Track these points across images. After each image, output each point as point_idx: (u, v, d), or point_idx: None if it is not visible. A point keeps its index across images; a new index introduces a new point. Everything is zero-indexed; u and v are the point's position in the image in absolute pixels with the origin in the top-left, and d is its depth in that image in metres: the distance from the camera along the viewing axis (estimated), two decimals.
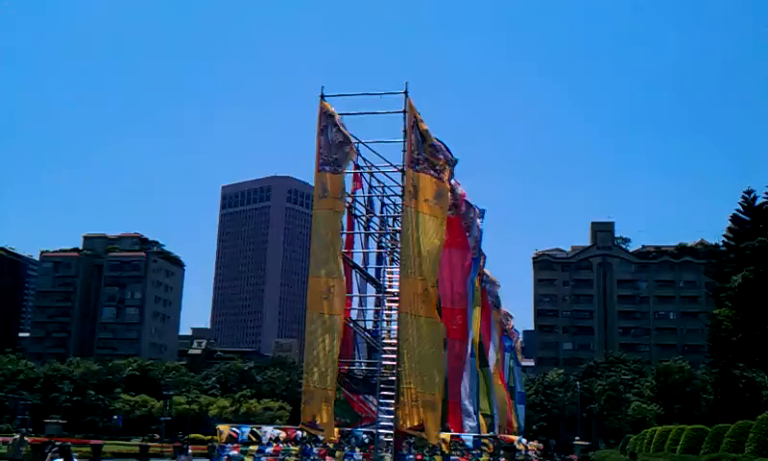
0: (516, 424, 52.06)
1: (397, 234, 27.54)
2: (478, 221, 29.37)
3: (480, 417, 31.48)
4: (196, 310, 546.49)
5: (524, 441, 32.97)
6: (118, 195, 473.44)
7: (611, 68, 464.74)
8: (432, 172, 23.09)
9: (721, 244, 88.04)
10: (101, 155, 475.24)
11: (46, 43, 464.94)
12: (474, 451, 24.50)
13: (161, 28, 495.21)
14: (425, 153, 23.19)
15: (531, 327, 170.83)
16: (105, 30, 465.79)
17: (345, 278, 25.23)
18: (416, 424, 21.83)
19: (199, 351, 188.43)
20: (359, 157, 26.30)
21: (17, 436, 36.40)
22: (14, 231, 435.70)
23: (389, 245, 29.13)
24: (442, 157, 23.62)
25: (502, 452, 22.28)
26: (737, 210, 79.98)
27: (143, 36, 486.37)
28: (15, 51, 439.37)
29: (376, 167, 26.65)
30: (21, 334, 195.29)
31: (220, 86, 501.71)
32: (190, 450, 36.68)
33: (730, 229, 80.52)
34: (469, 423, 27.87)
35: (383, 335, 25.46)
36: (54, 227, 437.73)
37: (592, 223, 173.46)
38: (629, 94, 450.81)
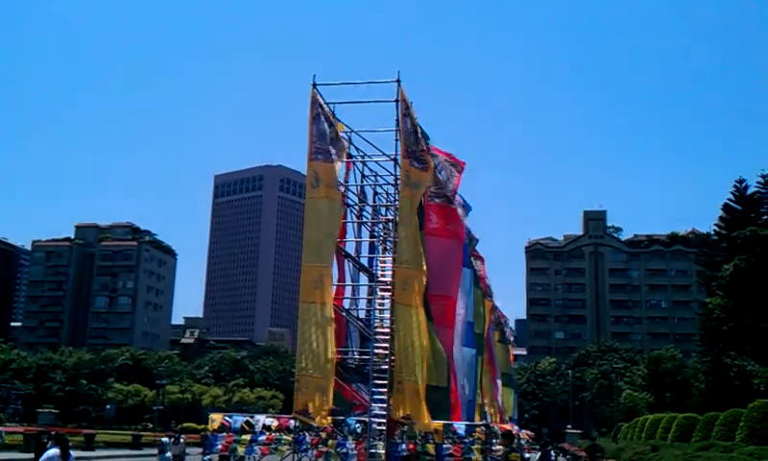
0: (508, 413, 52.24)
1: (390, 223, 27.53)
2: (466, 218, 29.39)
3: (476, 405, 31.57)
4: (188, 300, 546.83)
5: (516, 428, 33.06)
6: (110, 184, 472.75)
7: (601, 57, 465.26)
8: (417, 163, 23.14)
9: (713, 233, 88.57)
10: (92, 143, 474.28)
11: (40, 34, 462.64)
12: (467, 440, 24.52)
13: (155, 18, 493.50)
14: (415, 144, 23.21)
15: (523, 315, 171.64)
16: (98, 20, 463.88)
17: (338, 267, 25.24)
18: (408, 412, 21.87)
19: (191, 341, 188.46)
20: (351, 146, 26.25)
21: None
22: (6, 221, 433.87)
23: (381, 234, 29.11)
24: (424, 146, 23.68)
25: (500, 439, 22.33)
26: (729, 199, 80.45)
27: (137, 25, 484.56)
28: (8, 41, 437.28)
29: (369, 156, 26.59)
30: (13, 324, 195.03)
31: (212, 75, 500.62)
32: (183, 439, 36.74)
33: (721, 217, 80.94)
34: (465, 411, 27.91)
35: (376, 324, 25.45)
36: (46, 216, 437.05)
37: (584, 212, 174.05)
38: (620, 83, 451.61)
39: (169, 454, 33.29)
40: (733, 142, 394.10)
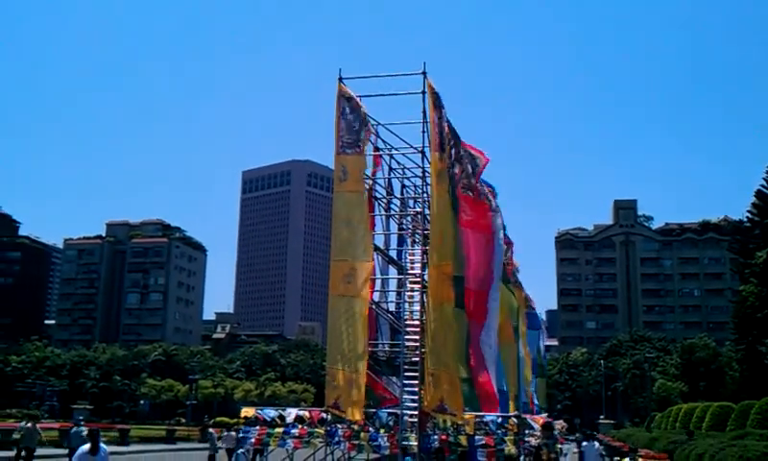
0: (539, 403, 52.03)
1: (418, 216, 27.46)
2: (494, 201, 29.18)
3: (506, 396, 31.45)
4: (219, 295, 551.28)
5: (545, 417, 32.89)
6: (140, 181, 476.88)
7: (632, 43, 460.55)
8: (447, 155, 22.98)
9: (745, 220, 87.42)
10: (122, 142, 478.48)
11: (68, 31, 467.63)
12: (499, 431, 24.46)
13: (182, 13, 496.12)
14: (444, 136, 23.08)
15: (554, 306, 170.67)
16: (126, 18, 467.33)
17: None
18: (439, 404, 21.83)
19: (223, 336, 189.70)
20: (378, 139, 26.17)
21: (29, 425, 35.93)
22: (38, 220, 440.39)
23: (410, 227, 29.05)
24: (454, 137, 23.57)
25: (541, 430, 22.31)
26: (761, 186, 79.27)
27: (165, 21, 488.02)
28: (37, 39, 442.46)
29: (396, 149, 26.48)
30: (47, 322, 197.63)
31: (239, 71, 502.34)
32: (213, 432, 37.40)
33: (754, 204, 79.83)
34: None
35: (406, 317, 25.42)
36: (77, 215, 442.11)
37: (615, 201, 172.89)
38: (651, 70, 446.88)
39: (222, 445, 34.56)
40: (766, 128, 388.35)
